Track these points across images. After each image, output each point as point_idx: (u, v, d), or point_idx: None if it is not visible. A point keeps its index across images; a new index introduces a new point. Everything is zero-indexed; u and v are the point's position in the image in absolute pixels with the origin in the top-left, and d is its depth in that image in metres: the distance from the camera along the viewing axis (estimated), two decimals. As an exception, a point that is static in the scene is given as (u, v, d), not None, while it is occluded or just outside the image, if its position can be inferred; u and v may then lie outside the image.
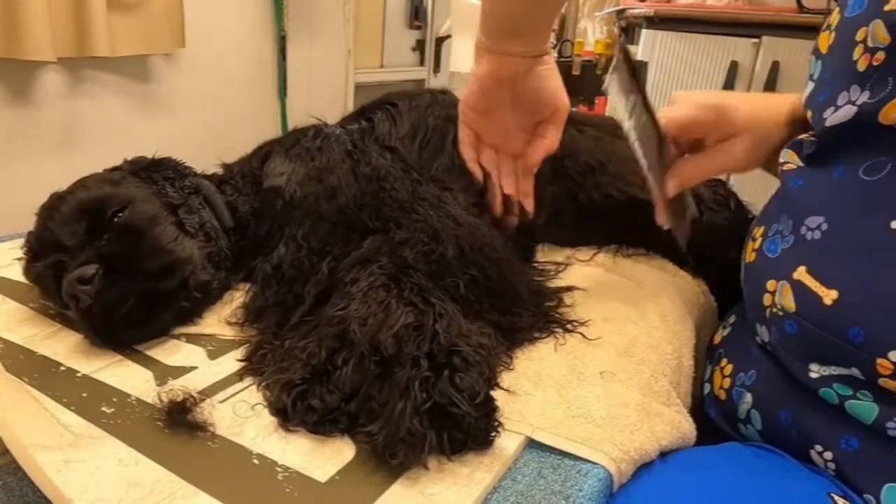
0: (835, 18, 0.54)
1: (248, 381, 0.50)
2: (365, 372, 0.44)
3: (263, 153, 0.72)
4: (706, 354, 0.69)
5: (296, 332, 0.52)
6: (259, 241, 0.65)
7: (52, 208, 0.58)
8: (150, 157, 0.70)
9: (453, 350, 0.45)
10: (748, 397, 0.57)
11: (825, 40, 0.55)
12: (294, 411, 0.45)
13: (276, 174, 0.67)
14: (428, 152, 0.73)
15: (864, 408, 0.47)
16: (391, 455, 0.41)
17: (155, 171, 0.67)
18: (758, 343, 0.57)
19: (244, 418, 0.46)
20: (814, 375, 0.50)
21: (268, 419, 0.46)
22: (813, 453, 0.51)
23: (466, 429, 0.42)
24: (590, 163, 0.80)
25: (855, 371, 0.48)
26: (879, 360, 0.46)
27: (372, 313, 0.47)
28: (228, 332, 0.58)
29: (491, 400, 0.45)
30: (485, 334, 0.50)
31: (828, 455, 0.50)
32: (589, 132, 0.86)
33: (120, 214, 0.57)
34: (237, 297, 0.63)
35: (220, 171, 0.74)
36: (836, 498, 0.47)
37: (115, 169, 0.68)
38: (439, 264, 0.53)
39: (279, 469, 0.42)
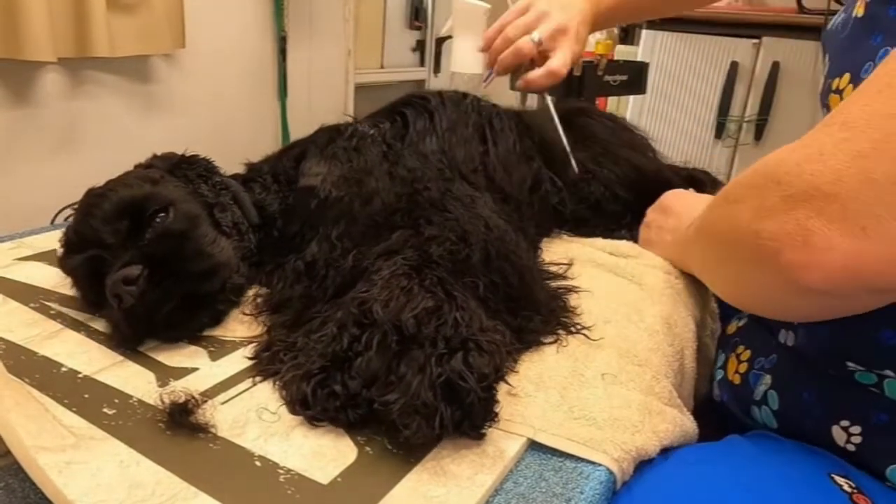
0: None
1: (250, 382, 0.50)
2: (387, 352, 0.45)
3: (297, 152, 0.72)
4: (719, 344, 0.70)
5: (310, 323, 0.52)
6: (289, 238, 0.65)
7: (93, 205, 0.58)
8: (179, 154, 0.70)
9: (469, 337, 0.46)
10: (767, 379, 0.57)
11: None
12: (315, 399, 0.45)
13: (311, 174, 0.67)
14: (473, 147, 0.74)
15: None
16: (405, 425, 0.41)
17: (188, 169, 0.67)
18: (780, 342, 0.58)
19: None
20: (851, 368, 0.51)
21: (270, 421, 0.46)
22: (836, 429, 0.51)
23: (468, 407, 0.43)
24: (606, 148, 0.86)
25: (888, 372, 0.49)
26: None
27: (394, 297, 0.47)
28: (230, 333, 0.58)
29: (494, 389, 0.45)
30: (499, 331, 0.50)
31: (855, 429, 0.50)
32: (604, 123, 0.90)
33: (161, 215, 0.57)
34: (252, 294, 0.63)
35: (242, 170, 0.74)
36: (837, 477, 0.47)
37: (148, 166, 0.68)
38: (464, 265, 0.54)
39: (281, 471, 0.41)
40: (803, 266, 0.41)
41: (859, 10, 0.55)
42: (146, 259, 0.53)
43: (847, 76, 0.53)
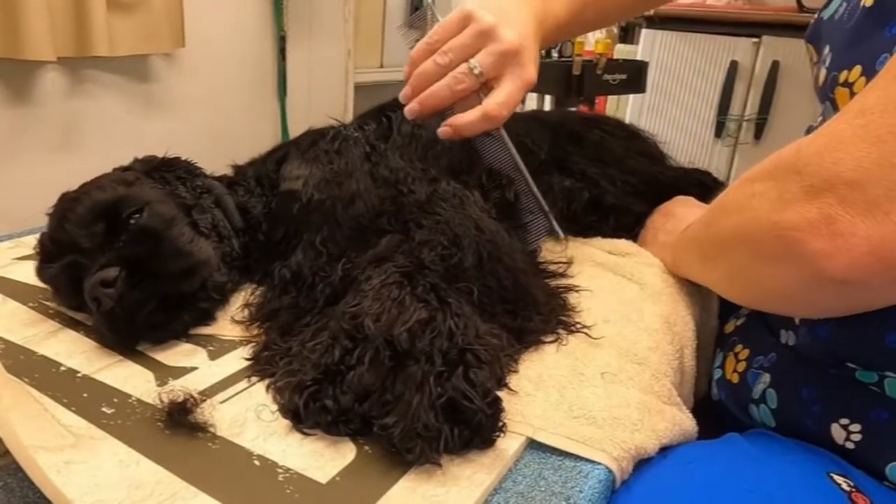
0: None
1: (249, 381, 0.50)
2: (380, 368, 0.44)
3: (279, 155, 0.72)
4: (717, 343, 0.70)
5: (304, 332, 0.52)
6: (274, 245, 0.65)
7: (68, 209, 0.57)
8: (160, 156, 0.70)
9: (467, 348, 0.45)
10: (766, 377, 0.57)
11: None
12: (307, 413, 0.45)
13: (292, 177, 0.66)
14: (455, 153, 0.72)
15: None
16: (407, 450, 0.41)
17: (167, 171, 0.67)
18: (781, 343, 0.58)
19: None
20: (851, 367, 0.51)
21: (268, 420, 0.46)
22: (835, 426, 0.51)
23: (476, 425, 0.42)
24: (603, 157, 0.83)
25: (889, 374, 0.48)
26: None
27: (386, 309, 0.47)
28: (229, 333, 0.58)
29: (499, 400, 0.45)
30: (496, 335, 0.50)
31: (855, 427, 0.50)
32: (599, 132, 0.88)
33: (136, 216, 0.57)
34: (242, 298, 0.63)
35: (229, 172, 0.74)
36: (836, 476, 0.47)
37: (126, 168, 0.68)
38: (456, 269, 0.53)
39: (280, 470, 0.41)
40: (828, 254, 0.41)
41: (867, 0, 0.53)
42: (123, 261, 0.53)
43: (858, 69, 0.52)
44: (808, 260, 0.42)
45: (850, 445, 0.50)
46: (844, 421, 0.51)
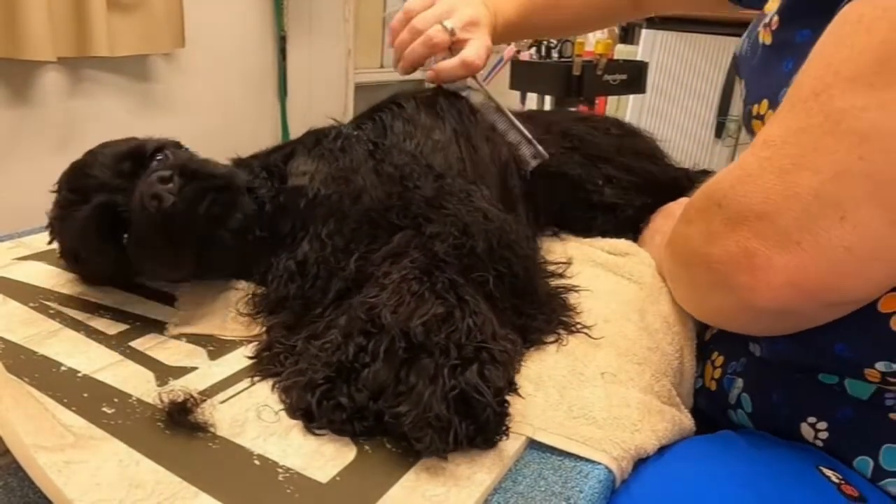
0: None
1: (249, 381, 0.50)
2: (394, 360, 0.44)
3: (287, 151, 0.72)
4: (697, 352, 0.70)
5: (311, 327, 0.52)
6: (280, 238, 0.66)
7: (87, 161, 0.58)
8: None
9: (482, 346, 0.45)
10: (739, 382, 0.58)
11: None
12: (320, 411, 0.45)
13: (298, 173, 0.67)
14: (450, 154, 0.72)
15: (862, 387, 0.50)
16: (417, 439, 0.41)
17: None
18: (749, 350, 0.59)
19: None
20: (813, 370, 0.52)
21: (269, 420, 0.46)
22: (804, 426, 0.52)
23: (483, 422, 0.43)
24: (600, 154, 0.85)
25: (847, 378, 0.50)
26: (867, 370, 0.48)
27: (404, 302, 0.47)
28: (229, 333, 0.58)
29: (508, 403, 0.45)
30: (511, 339, 0.50)
31: (821, 425, 0.51)
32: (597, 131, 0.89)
33: (159, 157, 0.58)
34: (244, 295, 0.63)
35: (229, 164, 0.74)
36: (825, 470, 0.48)
37: None
38: (470, 258, 0.54)
39: (280, 470, 0.42)
40: (751, 288, 0.43)
41: (766, 39, 0.56)
42: (173, 167, 0.53)
43: (765, 102, 0.55)
44: (735, 292, 0.45)
45: (818, 443, 0.52)
46: (812, 420, 0.52)
